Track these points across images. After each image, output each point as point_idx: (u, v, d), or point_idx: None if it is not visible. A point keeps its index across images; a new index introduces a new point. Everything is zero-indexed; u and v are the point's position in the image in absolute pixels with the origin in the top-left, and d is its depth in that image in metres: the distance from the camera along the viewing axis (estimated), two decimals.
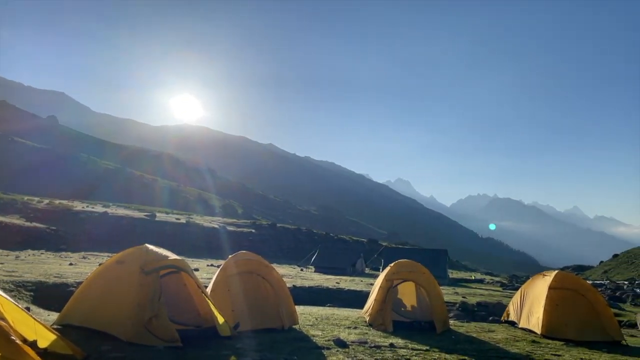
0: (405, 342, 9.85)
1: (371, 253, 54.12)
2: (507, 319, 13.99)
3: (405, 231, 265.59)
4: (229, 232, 56.63)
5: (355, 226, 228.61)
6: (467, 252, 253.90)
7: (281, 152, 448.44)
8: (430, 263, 36.57)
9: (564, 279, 12.31)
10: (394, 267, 12.48)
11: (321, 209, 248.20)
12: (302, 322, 11.53)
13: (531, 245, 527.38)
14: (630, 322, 19.12)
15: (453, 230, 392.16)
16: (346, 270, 39.52)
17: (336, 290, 23.13)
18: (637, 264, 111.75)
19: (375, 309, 11.76)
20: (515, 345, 10.18)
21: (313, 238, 65.64)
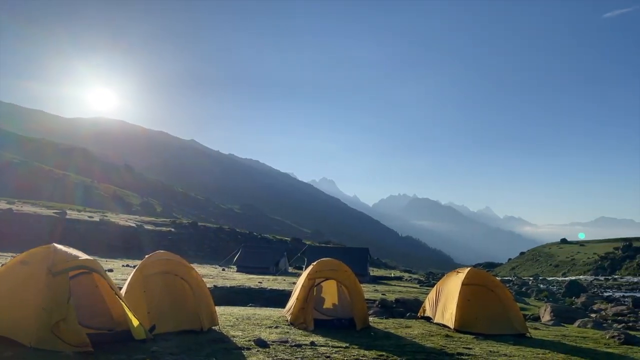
0: (326, 339, 9.93)
1: (295, 252, 54.27)
2: (423, 314, 14.52)
3: (329, 230, 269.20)
4: (147, 231, 54.61)
5: (279, 225, 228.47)
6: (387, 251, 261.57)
7: (204, 149, 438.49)
8: (352, 261, 37.26)
9: (475, 276, 12.93)
10: (316, 265, 12.55)
11: (245, 207, 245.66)
12: (222, 322, 11.30)
13: (447, 243, 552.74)
14: (534, 316, 20.53)
15: (375, 229, 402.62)
16: (269, 270, 39.36)
17: (258, 290, 22.96)
18: (541, 261, 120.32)
19: (297, 308, 11.76)
20: (430, 339, 10.57)
21: (236, 237, 64.81)
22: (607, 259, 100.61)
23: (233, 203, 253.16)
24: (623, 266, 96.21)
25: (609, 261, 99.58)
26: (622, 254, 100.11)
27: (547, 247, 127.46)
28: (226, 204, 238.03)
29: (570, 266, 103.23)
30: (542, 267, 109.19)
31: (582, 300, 33.59)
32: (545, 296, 36.46)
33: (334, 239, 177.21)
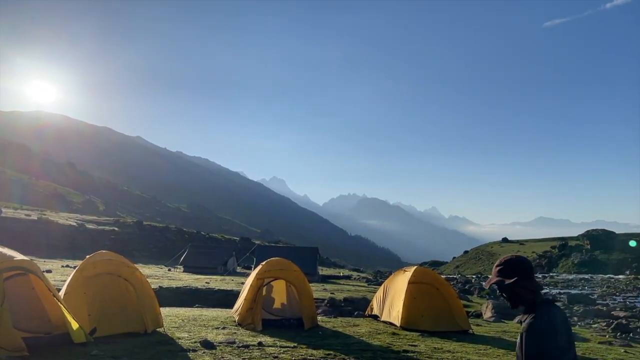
0: (274, 340, 9.88)
1: (244, 252, 53.77)
2: (371, 313, 14.71)
3: (279, 229, 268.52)
4: (89, 230, 52.63)
5: (228, 224, 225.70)
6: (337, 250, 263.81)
7: (150, 146, 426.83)
8: (302, 261, 37.33)
9: (421, 274, 13.23)
10: (265, 265, 12.47)
11: (192, 206, 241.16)
12: (167, 324, 11.04)
13: (395, 242, 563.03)
14: (477, 313, 21.22)
15: (325, 228, 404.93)
16: (217, 270, 38.82)
17: (206, 290, 22.57)
18: (483, 260, 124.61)
19: (245, 308, 11.64)
20: (377, 337, 10.72)
21: (183, 237, 63.51)
22: (545, 257, 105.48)
23: (180, 202, 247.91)
24: (559, 264, 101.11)
25: (547, 259, 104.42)
26: (559, 253, 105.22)
27: (489, 246, 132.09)
28: (173, 202, 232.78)
29: None
30: (484, 265, 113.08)
31: None
32: (487, 294, 37.69)
33: (283, 238, 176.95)
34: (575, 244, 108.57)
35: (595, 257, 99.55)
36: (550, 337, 2.88)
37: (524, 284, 3.10)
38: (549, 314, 2.98)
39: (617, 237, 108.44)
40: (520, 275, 3.11)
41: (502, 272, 3.20)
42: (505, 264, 3.22)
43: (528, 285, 3.10)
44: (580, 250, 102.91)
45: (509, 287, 3.12)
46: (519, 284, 3.10)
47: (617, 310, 29.21)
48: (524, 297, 3.10)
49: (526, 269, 3.17)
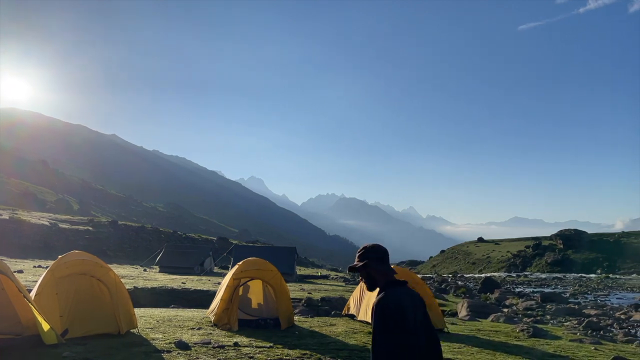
0: (250, 340, 9.84)
1: (221, 251, 53.45)
2: (348, 312, 14.75)
3: (257, 229, 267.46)
4: (62, 230, 51.63)
5: (205, 224, 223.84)
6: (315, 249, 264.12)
7: (126, 144, 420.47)
8: (279, 260, 37.31)
9: (401, 274, 13.30)
10: (241, 265, 12.40)
11: (169, 206, 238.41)
12: (141, 325, 10.90)
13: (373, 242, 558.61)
14: (453, 311, 21.48)
15: (303, 228, 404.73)
16: (194, 270, 38.49)
17: (182, 291, 22.35)
18: (459, 259, 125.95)
19: (221, 309, 11.56)
20: (353, 337, 10.76)
21: (159, 236, 62.79)
22: (519, 256, 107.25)
23: (157, 201, 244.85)
24: (533, 263, 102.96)
25: (521, 259, 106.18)
26: (533, 252, 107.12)
27: (465, 245, 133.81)
28: (149, 202, 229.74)
29: (486, 263, 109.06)
30: (460, 264, 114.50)
31: (496, 296, 35.58)
32: (463, 292, 38.21)
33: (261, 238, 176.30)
34: (549, 243, 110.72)
35: (568, 256, 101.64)
36: (394, 311, 3.25)
37: (376, 267, 3.48)
38: (395, 292, 3.37)
39: (589, 237, 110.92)
40: (372, 260, 3.49)
41: (359, 258, 3.57)
42: (363, 250, 3.59)
43: (380, 269, 3.48)
44: (553, 250, 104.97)
45: (363, 270, 3.50)
46: (372, 267, 3.48)
47: (588, 309, 29.89)
48: (378, 280, 3.47)
49: (379, 255, 3.54)
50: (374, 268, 3.48)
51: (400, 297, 3.34)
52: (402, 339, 3.23)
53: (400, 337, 3.23)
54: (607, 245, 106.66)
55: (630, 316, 26.98)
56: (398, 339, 3.22)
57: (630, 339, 17.74)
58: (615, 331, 20.97)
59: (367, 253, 3.54)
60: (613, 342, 14.85)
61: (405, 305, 3.31)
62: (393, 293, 3.35)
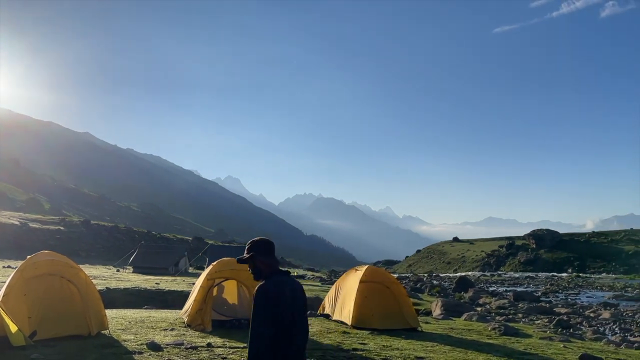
0: (223, 340, 9.77)
1: (196, 252, 53.00)
2: (323, 312, 14.77)
3: (234, 229, 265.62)
4: (33, 229, 50.49)
5: (180, 224, 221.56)
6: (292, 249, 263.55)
7: (99, 143, 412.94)
8: None
9: (373, 273, 13.39)
10: (216, 265, 12.30)
11: (143, 205, 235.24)
12: (113, 326, 10.72)
13: (350, 242, 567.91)
14: (427, 310, 21.68)
15: (280, 228, 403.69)
16: (168, 270, 38.06)
17: (155, 291, 22.07)
18: (435, 259, 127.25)
19: (194, 309, 11.45)
20: (327, 336, 10.77)
21: (133, 236, 61.87)
22: (493, 256, 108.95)
23: (131, 201, 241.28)
24: (507, 263, 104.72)
25: (495, 258, 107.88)
26: (506, 252, 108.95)
27: (440, 245, 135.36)
28: (123, 201, 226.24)
29: (461, 263, 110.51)
30: (436, 263, 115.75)
31: (469, 295, 36.07)
32: (437, 291, 38.60)
33: (238, 238, 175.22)
34: (522, 243, 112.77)
35: (540, 255, 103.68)
36: (272, 298, 3.61)
37: (262, 259, 3.83)
38: (275, 281, 3.72)
39: (561, 237, 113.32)
40: (258, 252, 3.85)
41: (247, 251, 3.90)
42: (250, 243, 3.95)
43: (266, 261, 3.83)
44: (526, 250, 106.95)
45: (250, 261, 3.85)
46: (258, 259, 3.83)
47: (559, 307, 30.55)
48: (263, 270, 3.81)
49: (264, 248, 3.89)
50: (260, 260, 3.83)
51: (279, 283, 3.71)
52: (275, 324, 3.57)
53: (274, 322, 3.57)
54: (577, 245, 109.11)
55: (600, 314, 27.65)
56: (271, 324, 3.57)
57: (599, 336, 18.18)
58: (585, 329, 21.47)
59: (254, 246, 3.89)
60: (582, 340, 15.19)
61: (283, 292, 3.68)
62: (274, 281, 3.72)
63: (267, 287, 3.66)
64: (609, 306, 31.68)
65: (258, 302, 3.62)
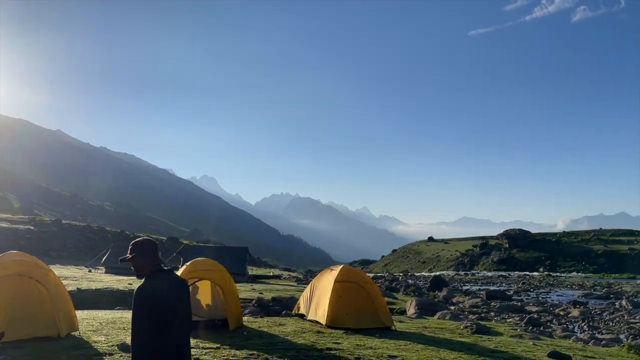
0: (196, 341, 9.70)
1: (171, 252, 52.40)
2: (298, 312, 14.77)
3: (209, 229, 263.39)
4: (2, 229, 49.30)
5: (155, 224, 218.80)
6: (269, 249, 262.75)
7: (72, 141, 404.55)
8: (231, 260, 37.02)
9: (347, 273, 13.45)
10: (189, 265, 12.19)
11: (117, 204, 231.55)
12: (83, 327, 10.55)
13: (327, 241, 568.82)
14: (401, 309, 21.88)
15: (256, 227, 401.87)
16: None
17: (128, 292, 21.74)
18: (410, 258, 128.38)
19: None
20: (302, 336, 10.79)
21: (105, 236, 60.87)
22: (467, 255, 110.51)
23: (104, 200, 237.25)
24: (480, 262, 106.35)
25: (469, 258, 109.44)
26: (480, 251, 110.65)
27: (416, 244, 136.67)
28: (96, 200, 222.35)
29: (436, 262, 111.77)
30: (411, 263, 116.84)
31: (443, 294, 36.51)
32: (412, 291, 38.95)
33: (214, 238, 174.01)
34: (495, 242, 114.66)
35: (513, 255, 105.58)
36: (150, 295, 3.77)
37: (143, 259, 3.98)
38: (154, 278, 3.90)
39: (533, 237, 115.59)
40: (138, 253, 3.98)
41: (129, 251, 4.03)
42: (132, 244, 4.05)
43: (147, 260, 3.98)
44: (499, 249, 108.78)
45: (132, 261, 3.98)
46: (140, 259, 3.98)
47: (530, 305, 31.17)
48: (145, 269, 3.96)
49: (143, 248, 4.03)
50: (141, 259, 3.98)
51: (158, 282, 3.87)
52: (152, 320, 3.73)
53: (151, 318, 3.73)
54: (549, 244, 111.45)
55: (569, 312, 28.31)
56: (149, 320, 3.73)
57: (568, 334, 18.63)
58: (554, 327, 21.96)
59: (135, 247, 4.02)
60: (551, 337, 15.55)
61: (162, 289, 3.84)
62: (152, 280, 3.89)
63: (145, 285, 3.84)
64: (578, 304, 32.45)
65: (136, 299, 3.79)
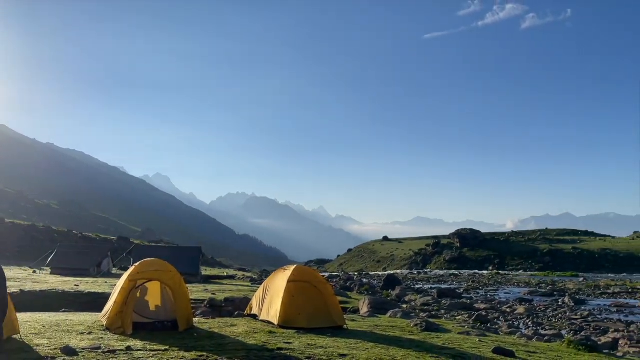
0: (144, 343, 9.48)
1: (121, 252, 51.11)
2: (250, 312, 14.68)
3: (162, 229, 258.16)
4: None
5: (105, 223, 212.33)
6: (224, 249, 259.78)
7: (16, 136, 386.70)
8: (184, 261, 36.44)
9: (301, 273, 13.46)
10: (138, 266, 11.90)
11: (64, 203, 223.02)
12: (25, 330, 10.12)
13: (283, 241, 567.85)
14: (355, 308, 22.10)
15: (211, 227, 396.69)
16: (90, 271, 36.50)
17: (74, 294, 21.04)
18: (365, 257, 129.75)
19: (114, 312, 11.02)
20: (253, 336, 10.73)
21: (52, 236, 58.75)
22: (420, 254, 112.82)
23: (51, 198, 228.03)
24: (433, 261, 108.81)
25: (422, 257, 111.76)
26: (433, 250, 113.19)
27: (371, 244, 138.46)
28: (42, 199, 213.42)
29: (390, 261, 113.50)
30: (366, 262, 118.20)
31: (397, 293, 37.17)
32: (366, 290, 39.44)
33: (167, 238, 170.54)
34: (447, 242, 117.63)
35: (464, 254, 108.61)
36: None
37: None
38: None
39: (483, 236, 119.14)
40: None
41: None
42: None
43: None
44: (451, 248, 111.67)
45: None
46: None
47: (479, 303, 32.16)
48: None
49: None
50: None
51: None
52: None
53: None
54: (498, 243, 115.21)
55: (515, 310, 29.39)
56: None
57: (513, 330, 19.35)
58: (501, 324, 22.76)
59: None
60: (497, 334, 16.09)
61: None
62: None
63: None
64: (524, 302, 33.75)
65: None
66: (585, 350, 12.27)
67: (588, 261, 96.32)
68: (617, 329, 21.89)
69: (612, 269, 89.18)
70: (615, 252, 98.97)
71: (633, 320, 25.52)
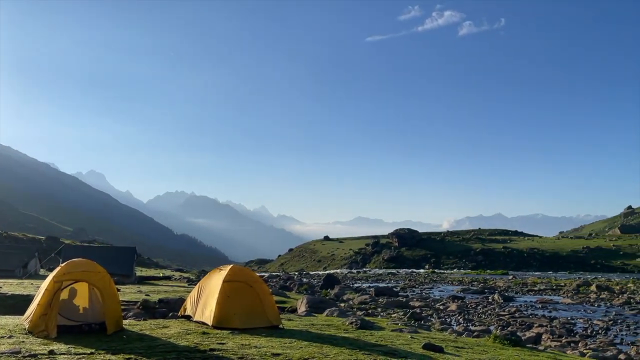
0: (68, 347, 9.08)
1: (50, 252, 48.65)
2: (184, 313, 14.39)
3: (96, 228, 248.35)
4: None
5: (33, 222, 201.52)
6: (161, 249, 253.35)
7: None
8: (117, 261, 35.28)
9: (236, 273, 13.34)
10: (65, 267, 11.39)
11: None
12: None
13: (223, 241, 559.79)
14: (293, 308, 22.19)
15: (148, 227, 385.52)
16: (15, 272, 34.61)
17: None
18: (306, 257, 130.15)
19: (37, 314, 10.49)
20: (185, 338, 10.53)
21: None
22: (360, 254, 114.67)
23: None
24: (372, 260, 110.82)
25: (362, 256, 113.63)
26: (372, 250, 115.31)
27: (312, 243, 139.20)
28: None
29: (331, 261, 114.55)
30: (307, 262, 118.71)
31: (335, 292, 37.58)
32: (305, 289, 39.65)
33: (100, 238, 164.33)
34: (386, 241, 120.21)
35: (402, 253, 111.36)
36: None
37: None
38: None
39: (420, 236, 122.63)
40: None
41: None
42: None
43: None
44: (389, 248, 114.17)
45: None
46: None
47: (414, 301, 33.08)
48: None
49: None
50: None
51: None
52: None
53: None
54: (434, 243, 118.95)
55: (448, 307, 30.46)
56: None
57: (445, 327, 20.05)
58: (434, 321, 23.52)
59: None
60: (429, 330, 16.62)
61: None
62: None
63: None
64: (456, 299, 35.02)
65: None
66: (509, 344, 12.89)
67: (517, 260, 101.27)
68: (541, 324, 23.20)
69: (539, 267, 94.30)
70: (542, 251, 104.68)
71: (556, 315, 27.09)
